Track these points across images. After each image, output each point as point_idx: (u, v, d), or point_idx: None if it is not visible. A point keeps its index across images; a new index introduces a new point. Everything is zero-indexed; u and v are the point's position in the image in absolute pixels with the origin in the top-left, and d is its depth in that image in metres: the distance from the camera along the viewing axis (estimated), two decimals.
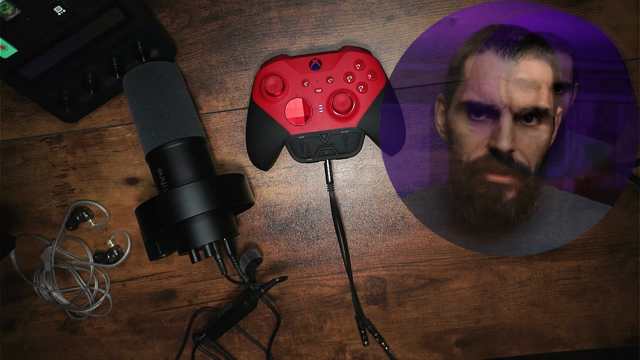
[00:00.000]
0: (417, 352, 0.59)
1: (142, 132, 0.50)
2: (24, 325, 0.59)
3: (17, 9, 0.45)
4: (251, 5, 0.55)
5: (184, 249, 0.49)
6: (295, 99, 0.53)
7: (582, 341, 0.58)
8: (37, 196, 0.58)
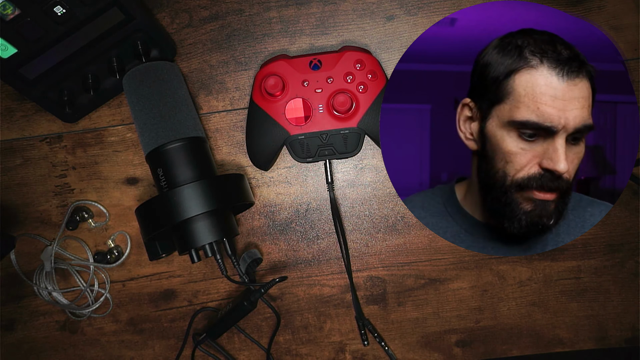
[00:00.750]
0: (417, 352, 0.59)
1: (142, 132, 0.50)
2: (24, 325, 0.59)
3: (17, 9, 0.45)
4: (251, 5, 0.55)
5: (184, 249, 0.49)
6: (295, 99, 0.53)
7: (582, 341, 0.58)
8: (37, 196, 0.58)
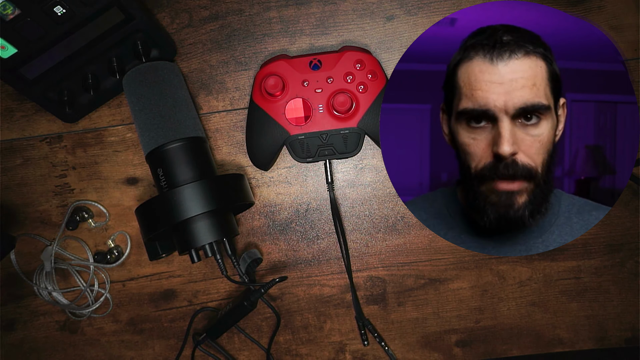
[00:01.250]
0: (417, 352, 0.59)
1: (142, 132, 0.50)
2: (24, 325, 0.59)
3: (17, 9, 0.45)
4: (251, 5, 0.55)
5: (184, 249, 0.49)
6: (295, 99, 0.53)
7: (582, 341, 0.58)
8: (37, 196, 0.58)
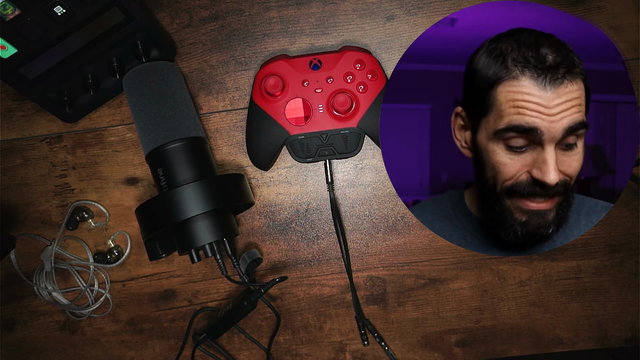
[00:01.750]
0: (417, 352, 0.59)
1: (142, 132, 0.50)
2: (24, 325, 0.59)
3: (17, 9, 0.45)
4: (251, 5, 0.55)
5: (184, 249, 0.49)
6: (295, 99, 0.53)
7: (582, 341, 0.58)
8: (37, 196, 0.58)
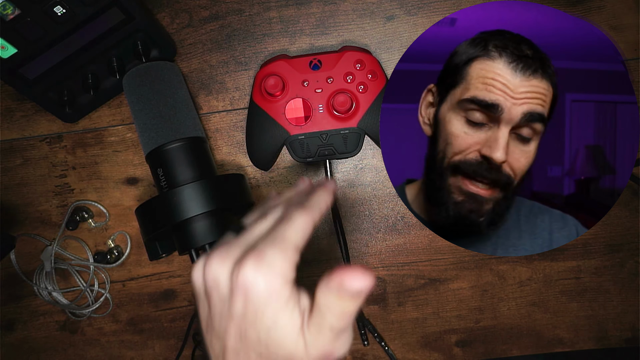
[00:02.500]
0: (417, 352, 0.59)
1: (142, 132, 0.50)
2: (24, 325, 0.59)
3: (17, 9, 0.45)
4: (251, 5, 0.55)
5: (184, 249, 0.49)
6: (295, 99, 0.53)
7: (582, 341, 0.58)
8: (37, 196, 0.58)
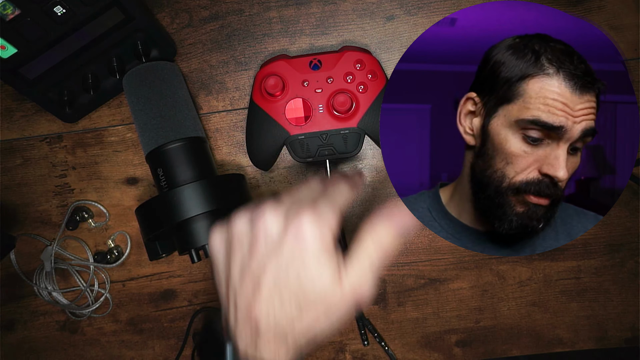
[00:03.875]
0: (417, 352, 0.59)
1: (142, 132, 0.50)
2: (24, 325, 0.59)
3: (17, 9, 0.45)
4: (251, 5, 0.55)
5: (184, 249, 0.49)
6: (295, 99, 0.53)
7: (582, 341, 0.58)
8: (37, 196, 0.58)
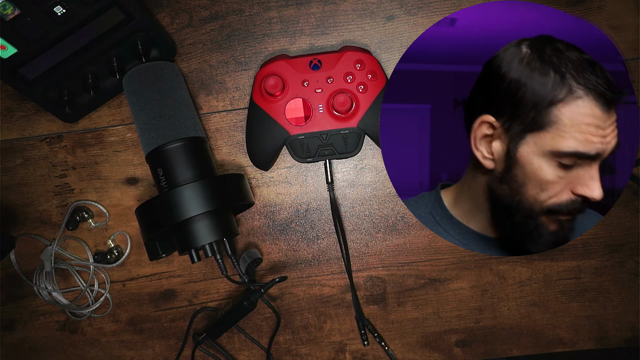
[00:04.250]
0: (417, 352, 0.59)
1: (142, 132, 0.50)
2: (24, 325, 0.59)
3: (17, 9, 0.45)
4: (251, 5, 0.55)
5: (184, 249, 0.49)
6: (295, 99, 0.53)
7: (582, 341, 0.58)
8: (37, 196, 0.58)
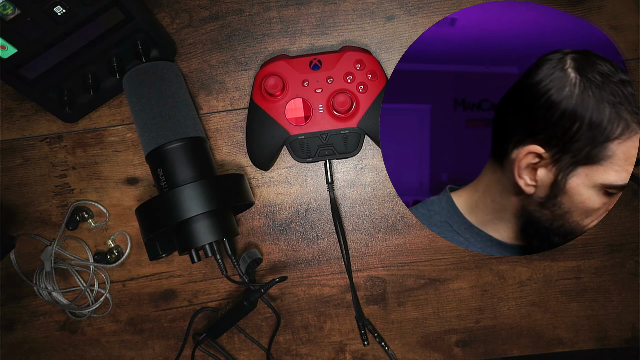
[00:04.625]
0: (417, 352, 0.59)
1: (142, 132, 0.50)
2: (24, 325, 0.59)
3: (17, 9, 0.45)
4: (251, 5, 0.55)
5: (184, 249, 0.49)
6: (295, 99, 0.53)
7: (582, 341, 0.58)
8: (37, 196, 0.58)
